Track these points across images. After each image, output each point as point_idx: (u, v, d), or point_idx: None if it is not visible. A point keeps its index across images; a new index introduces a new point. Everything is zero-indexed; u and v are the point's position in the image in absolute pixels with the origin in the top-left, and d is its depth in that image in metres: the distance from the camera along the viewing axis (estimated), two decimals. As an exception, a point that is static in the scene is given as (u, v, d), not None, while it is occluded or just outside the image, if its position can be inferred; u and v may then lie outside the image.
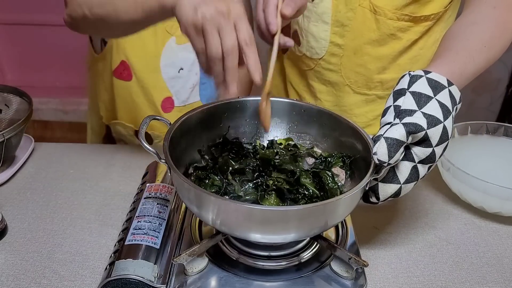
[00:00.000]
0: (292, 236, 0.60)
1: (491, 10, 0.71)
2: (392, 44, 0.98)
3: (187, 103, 1.11)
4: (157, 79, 1.07)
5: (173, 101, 1.10)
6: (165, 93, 1.09)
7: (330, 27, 0.97)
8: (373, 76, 1.01)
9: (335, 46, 0.99)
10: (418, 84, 0.61)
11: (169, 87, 1.09)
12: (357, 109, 1.08)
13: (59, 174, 0.92)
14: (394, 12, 0.92)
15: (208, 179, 0.69)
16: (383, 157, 0.58)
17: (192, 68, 1.08)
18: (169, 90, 1.09)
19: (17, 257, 0.72)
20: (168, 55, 1.05)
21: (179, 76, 1.08)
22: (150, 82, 1.08)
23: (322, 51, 1.01)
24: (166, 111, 1.11)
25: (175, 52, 1.05)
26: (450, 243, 0.77)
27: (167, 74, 1.07)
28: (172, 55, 1.05)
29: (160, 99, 1.10)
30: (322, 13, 0.96)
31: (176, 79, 1.08)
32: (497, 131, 0.96)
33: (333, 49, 0.99)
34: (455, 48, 0.68)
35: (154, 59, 1.05)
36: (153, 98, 1.09)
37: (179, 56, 1.05)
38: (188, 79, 1.09)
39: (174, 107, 1.11)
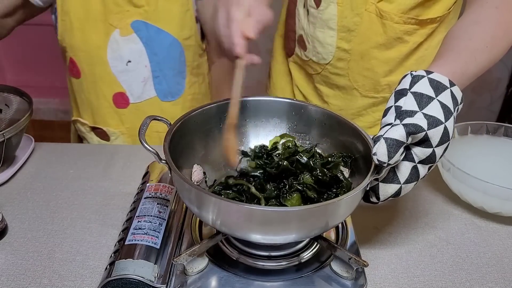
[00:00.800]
0: (293, 236, 0.60)
1: (493, 10, 0.71)
2: (399, 47, 0.98)
3: (143, 99, 1.11)
4: (105, 72, 1.07)
5: (128, 98, 1.10)
6: (116, 88, 1.09)
7: (337, 33, 0.97)
8: (381, 79, 1.02)
9: (342, 51, 0.99)
10: (420, 84, 0.61)
11: (120, 81, 1.08)
12: (364, 112, 1.08)
13: (59, 174, 0.92)
14: (400, 16, 0.93)
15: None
16: (383, 157, 0.58)
17: (140, 60, 1.07)
18: (120, 85, 1.09)
19: (17, 257, 0.72)
20: (114, 48, 1.05)
21: (128, 70, 1.07)
22: (98, 76, 1.08)
23: (329, 56, 1.01)
24: (120, 107, 1.11)
25: (120, 44, 1.05)
26: (450, 243, 0.77)
27: (116, 68, 1.07)
28: (118, 48, 1.05)
29: (111, 93, 1.10)
30: (328, 20, 0.96)
31: (126, 72, 1.08)
32: (497, 131, 0.96)
33: (340, 54, 1.00)
34: (457, 48, 0.68)
35: (99, 52, 1.05)
36: (103, 92, 1.10)
37: (125, 48, 1.05)
38: (138, 72, 1.08)
39: (130, 104, 1.11)
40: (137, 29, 1.04)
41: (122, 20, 1.03)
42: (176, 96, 1.14)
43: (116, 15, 1.02)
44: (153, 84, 1.10)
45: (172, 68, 1.10)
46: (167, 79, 1.11)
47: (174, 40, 1.07)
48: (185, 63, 1.12)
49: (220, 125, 0.77)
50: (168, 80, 1.11)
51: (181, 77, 1.13)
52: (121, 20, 1.03)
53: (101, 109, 1.13)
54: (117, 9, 1.02)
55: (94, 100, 1.12)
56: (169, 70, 1.10)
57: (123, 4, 1.02)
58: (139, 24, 1.04)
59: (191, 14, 1.07)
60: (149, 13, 1.03)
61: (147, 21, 1.04)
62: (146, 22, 1.04)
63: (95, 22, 1.03)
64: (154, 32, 1.05)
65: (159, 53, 1.07)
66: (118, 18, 1.03)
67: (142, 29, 1.04)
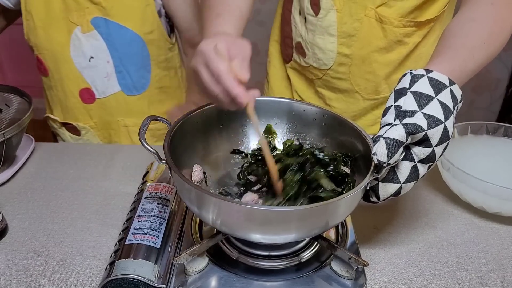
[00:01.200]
0: (293, 236, 0.60)
1: (489, 6, 0.71)
2: (399, 49, 0.98)
3: (108, 94, 1.13)
4: (70, 69, 1.10)
5: (93, 93, 1.13)
6: (81, 84, 1.12)
7: (337, 39, 0.97)
8: (382, 81, 1.02)
9: (343, 56, 0.99)
10: (420, 83, 0.61)
11: (85, 77, 1.11)
12: (365, 111, 1.08)
13: (60, 174, 0.92)
14: (399, 20, 0.93)
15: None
16: (383, 157, 0.58)
17: (102, 56, 1.09)
18: (85, 80, 1.12)
19: (18, 256, 0.72)
20: (76, 45, 1.08)
21: (91, 65, 1.10)
22: (64, 73, 1.11)
23: (330, 62, 1.01)
24: (87, 102, 1.14)
25: (82, 41, 1.07)
26: (450, 243, 0.77)
27: (79, 64, 1.10)
28: (80, 44, 1.08)
29: (77, 89, 1.13)
30: (328, 26, 0.96)
31: (89, 68, 1.10)
32: (497, 131, 0.96)
33: (341, 59, 0.99)
34: (454, 46, 0.68)
35: (62, 50, 1.08)
36: (70, 89, 1.13)
37: (86, 45, 1.08)
38: (101, 68, 1.10)
39: (96, 99, 1.14)
40: (97, 26, 1.06)
41: (83, 17, 1.05)
42: (141, 90, 1.16)
43: (76, 12, 1.05)
44: (117, 79, 1.13)
45: (134, 63, 1.12)
46: (131, 73, 1.13)
47: (135, 35, 1.09)
48: (149, 57, 1.13)
49: (220, 126, 0.77)
50: (131, 74, 1.13)
51: (146, 71, 1.15)
52: (82, 17, 1.05)
53: (69, 105, 1.16)
54: (77, 6, 1.05)
55: (62, 96, 1.15)
56: (131, 65, 1.12)
57: (82, 2, 1.04)
58: (99, 21, 1.06)
59: (152, 9, 1.09)
60: (107, 9, 1.05)
61: (106, 17, 1.06)
62: (106, 18, 1.06)
63: (56, 20, 1.06)
64: (114, 28, 1.07)
65: (120, 49, 1.09)
66: (78, 16, 1.06)
67: (102, 26, 1.06)
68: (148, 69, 1.15)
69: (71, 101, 1.14)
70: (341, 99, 1.06)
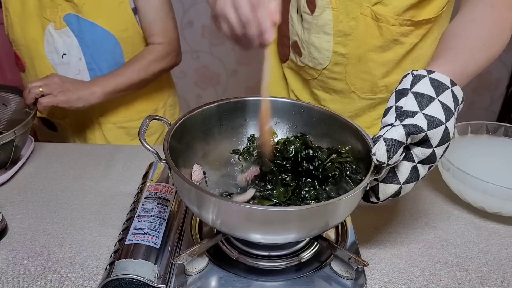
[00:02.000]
0: (293, 236, 0.60)
1: (489, 8, 0.71)
2: (396, 49, 0.98)
3: None
4: (44, 65, 1.11)
5: None
6: None
7: (333, 38, 0.97)
8: (378, 81, 1.01)
9: (338, 56, 0.99)
10: (421, 84, 0.61)
11: (58, 73, 1.11)
12: (362, 113, 1.08)
13: (59, 174, 0.92)
14: (396, 19, 0.92)
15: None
16: (382, 157, 0.58)
17: (74, 53, 1.10)
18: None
19: (17, 257, 0.72)
20: (50, 41, 1.09)
21: (64, 62, 1.11)
22: (38, 69, 1.12)
23: (326, 61, 1.00)
24: None
25: (55, 37, 1.08)
26: (450, 243, 0.77)
27: (53, 60, 1.11)
28: (53, 41, 1.08)
29: None
30: (323, 25, 0.96)
31: (62, 65, 1.11)
32: (497, 131, 0.96)
33: (336, 58, 0.99)
34: (455, 47, 0.68)
35: (37, 46, 1.09)
36: None
37: (59, 41, 1.08)
38: (73, 65, 1.11)
39: None
40: (69, 23, 1.07)
41: (56, 13, 1.06)
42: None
43: (50, 9, 1.06)
44: (89, 76, 1.13)
45: (106, 60, 1.12)
46: (103, 70, 1.13)
47: (107, 32, 1.09)
48: (123, 54, 1.13)
49: (220, 126, 0.77)
50: (103, 71, 1.13)
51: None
52: (55, 13, 1.06)
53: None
54: (50, 3, 1.06)
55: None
56: (104, 62, 1.12)
57: None
58: (71, 18, 1.07)
59: (126, 6, 1.09)
60: (79, 6, 1.06)
61: (78, 15, 1.06)
62: (78, 16, 1.06)
63: (31, 16, 1.07)
64: (86, 25, 1.07)
65: (91, 46, 1.09)
66: (51, 12, 1.06)
67: (74, 23, 1.07)
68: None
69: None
70: (336, 100, 1.06)
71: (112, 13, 1.08)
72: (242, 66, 2.48)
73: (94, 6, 1.06)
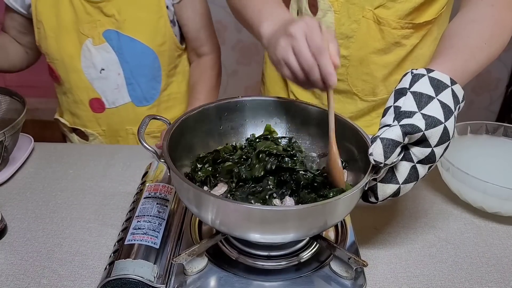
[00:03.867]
0: (292, 236, 0.60)
1: (489, 8, 0.71)
2: (397, 51, 0.98)
3: (118, 104, 1.14)
4: (80, 79, 1.10)
5: (103, 103, 1.13)
6: (91, 94, 1.12)
7: None
8: (379, 83, 1.02)
9: (340, 58, 0.99)
10: (420, 83, 0.61)
11: (95, 88, 1.11)
12: (363, 114, 1.08)
13: (59, 174, 0.92)
14: (397, 22, 0.93)
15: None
16: (379, 157, 0.57)
17: (113, 68, 1.09)
18: (95, 90, 1.12)
19: (17, 257, 0.72)
20: (87, 56, 1.07)
21: (102, 77, 1.10)
22: (73, 82, 1.11)
23: None
24: (97, 111, 1.15)
25: (93, 53, 1.07)
26: (449, 243, 0.77)
27: (90, 75, 1.10)
28: (91, 56, 1.07)
29: (87, 99, 1.13)
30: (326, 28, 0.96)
31: (100, 79, 1.10)
32: (497, 131, 0.96)
33: None
34: (456, 46, 0.68)
35: (73, 60, 1.08)
36: (80, 98, 1.13)
37: (97, 57, 1.07)
38: (111, 80, 1.10)
39: (106, 109, 1.14)
40: (109, 38, 1.06)
41: (94, 29, 1.05)
42: (151, 101, 1.16)
43: (88, 24, 1.05)
44: (127, 91, 1.12)
45: (145, 75, 1.12)
46: (141, 85, 1.13)
47: (147, 48, 1.09)
48: (160, 68, 1.13)
49: (220, 127, 0.77)
50: (142, 86, 1.13)
51: (156, 82, 1.15)
52: (93, 29, 1.05)
53: (79, 112, 1.16)
54: (88, 18, 1.04)
55: (72, 103, 1.15)
56: (142, 77, 1.12)
57: (94, 14, 1.04)
58: (111, 34, 1.06)
59: (165, 20, 1.08)
60: (120, 22, 1.05)
61: (118, 31, 1.05)
62: (118, 32, 1.05)
63: (67, 31, 1.06)
64: (126, 41, 1.07)
65: (131, 61, 1.09)
66: (89, 28, 1.05)
67: (114, 38, 1.06)
68: (159, 80, 1.14)
69: (81, 108, 1.14)
70: (338, 100, 1.06)
71: (152, 28, 1.07)
72: (242, 66, 2.48)
73: (134, 22, 1.05)
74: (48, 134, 1.28)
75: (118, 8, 1.04)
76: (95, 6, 1.03)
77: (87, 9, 1.03)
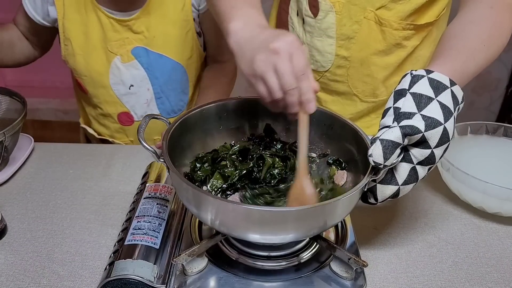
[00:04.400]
0: (291, 236, 0.60)
1: (488, 9, 0.71)
2: (398, 52, 0.98)
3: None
4: (108, 95, 1.10)
5: (132, 116, 1.13)
6: (120, 108, 1.12)
7: (336, 41, 0.97)
8: (379, 84, 1.02)
9: (341, 59, 0.99)
10: (419, 84, 0.61)
11: (123, 102, 1.11)
12: (363, 115, 1.08)
13: (59, 174, 0.92)
14: (399, 23, 0.93)
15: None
16: (379, 158, 0.57)
17: (142, 84, 1.09)
18: (124, 105, 1.12)
19: (17, 257, 0.72)
20: (116, 73, 1.07)
21: (131, 93, 1.10)
22: (102, 97, 1.11)
23: (328, 64, 1.00)
24: (126, 124, 1.15)
25: (122, 70, 1.07)
26: (449, 243, 0.77)
27: (118, 91, 1.09)
28: (119, 74, 1.07)
29: (116, 113, 1.13)
30: (327, 28, 0.96)
31: (129, 95, 1.10)
32: (497, 131, 0.96)
33: (339, 61, 0.99)
34: (455, 47, 0.68)
35: (101, 77, 1.08)
36: (108, 111, 1.13)
37: (126, 74, 1.07)
38: (141, 95, 1.10)
39: (134, 122, 1.14)
40: (138, 56, 1.05)
41: (122, 47, 1.05)
42: (178, 112, 1.16)
43: (116, 42, 1.04)
44: (156, 105, 1.13)
45: (174, 89, 1.12)
46: (170, 99, 1.13)
47: (176, 63, 1.09)
48: (188, 80, 1.14)
49: (219, 128, 0.77)
50: (171, 99, 1.13)
51: (184, 94, 1.15)
52: (121, 47, 1.05)
53: (107, 123, 1.16)
54: (116, 36, 1.04)
55: (100, 116, 1.15)
56: (171, 91, 1.12)
57: (122, 31, 1.03)
58: (140, 51, 1.05)
59: (193, 32, 1.08)
60: (149, 39, 1.04)
61: (147, 47, 1.05)
62: (147, 49, 1.05)
63: (95, 49, 1.05)
64: (155, 58, 1.06)
65: (160, 77, 1.09)
66: (118, 45, 1.04)
67: (143, 55, 1.06)
68: (187, 92, 1.15)
69: (109, 120, 1.15)
70: (338, 102, 1.06)
71: (181, 43, 1.07)
72: (242, 66, 2.47)
73: (163, 38, 1.05)
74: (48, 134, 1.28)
75: (147, 25, 1.03)
76: (124, 24, 1.03)
77: (115, 27, 1.03)
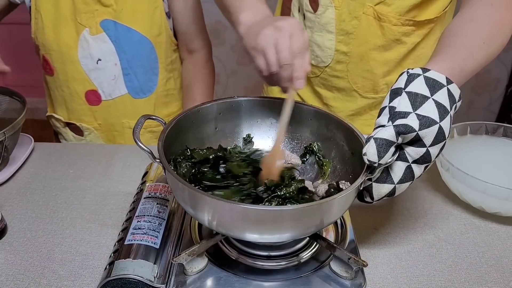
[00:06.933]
0: (288, 235, 0.60)
1: (489, 7, 0.72)
2: (397, 49, 0.98)
3: (114, 96, 1.13)
4: (76, 70, 1.09)
5: (100, 95, 1.13)
6: (88, 86, 1.11)
7: (335, 36, 0.97)
8: (379, 80, 1.02)
9: (341, 54, 0.99)
10: (415, 83, 0.61)
11: (91, 79, 1.11)
12: (363, 111, 1.08)
13: (59, 174, 0.92)
14: (398, 18, 0.93)
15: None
16: (373, 157, 0.58)
17: (110, 59, 1.09)
18: (92, 82, 1.11)
19: (17, 257, 0.72)
20: (84, 47, 1.07)
21: (98, 68, 1.09)
22: (70, 74, 1.10)
23: (328, 59, 1.01)
24: (93, 104, 1.14)
25: (90, 43, 1.07)
26: (449, 243, 0.77)
27: (86, 66, 1.09)
28: (88, 47, 1.07)
29: (83, 91, 1.12)
30: (326, 23, 0.96)
31: (96, 70, 1.10)
32: (497, 131, 0.96)
33: (339, 56, 0.99)
34: (454, 45, 0.68)
35: (70, 51, 1.08)
36: (76, 90, 1.12)
37: (95, 47, 1.07)
38: (108, 71, 1.10)
39: (102, 101, 1.13)
40: (106, 28, 1.06)
41: (91, 19, 1.05)
42: (148, 93, 1.16)
43: (85, 14, 1.05)
44: (124, 82, 1.12)
45: (142, 65, 1.12)
46: (138, 76, 1.12)
47: (143, 38, 1.09)
48: (157, 59, 1.13)
49: (216, 128, 0.77)
50: (139, 77, 1.13)
51: (153, 74, 1.14)
52: (90, 19, 1.05)
53: (74, 105, 1.15)
54: (86, 8, 1.04)
55: (68, 97, 1.14)
56: (139, 68, 1.12)
57: (91, 4, 1.04)
58: (108, 23, 1.06)
59: (161, 10, 1.09)
60: (117, 12, 1.05)
61: (116, 20, 1.06)
62: (115, 21, 1.06)
63: (65, 21, 1.06)
64: (123, 31, 1.07)
65: (128, 51, 1.09)
66: (87, 17, 1.05)
67: (111, 28, 1.06)
68: (156, 72, 1.14)
69: (76, 102, 1.14)
70: (339, 98, 1.06)
71: (148, 18, 1.07)
72: (241, 67, 2.48)
73: (131, 11, 1.06)
74: (48, 134, 1.27)
75: None
76: None
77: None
